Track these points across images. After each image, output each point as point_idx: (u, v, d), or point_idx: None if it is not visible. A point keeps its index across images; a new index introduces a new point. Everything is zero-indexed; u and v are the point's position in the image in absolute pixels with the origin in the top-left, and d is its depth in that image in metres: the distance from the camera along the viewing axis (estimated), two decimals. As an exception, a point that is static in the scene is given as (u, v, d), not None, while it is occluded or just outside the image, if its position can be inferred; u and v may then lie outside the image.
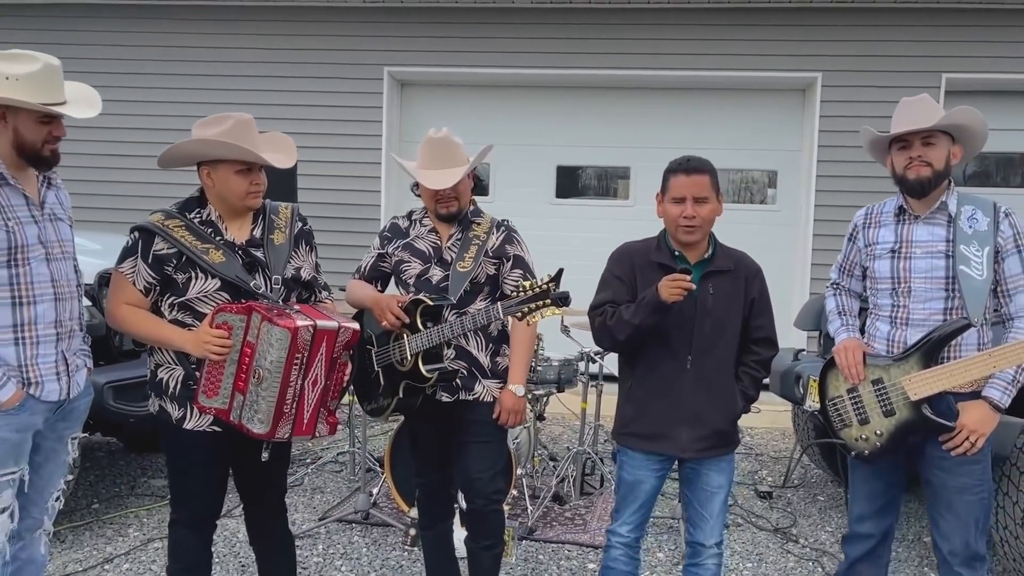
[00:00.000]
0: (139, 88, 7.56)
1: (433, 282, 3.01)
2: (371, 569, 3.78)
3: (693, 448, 2.74)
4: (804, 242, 7.13)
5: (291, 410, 2.65)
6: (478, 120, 7.46)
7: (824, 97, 6.94)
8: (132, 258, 2.65)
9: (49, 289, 2.53)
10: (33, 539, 2.70)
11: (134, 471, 5.11)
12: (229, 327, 2.59)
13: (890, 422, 2.66)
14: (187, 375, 2.66)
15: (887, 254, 2.75)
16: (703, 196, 2.65)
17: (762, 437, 6.43)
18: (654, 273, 2.73)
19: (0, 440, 2.42)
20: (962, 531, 2.62)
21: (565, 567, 3.88)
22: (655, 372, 2.77)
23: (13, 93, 2.38)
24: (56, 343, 2.55)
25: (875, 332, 2.80)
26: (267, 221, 2.83)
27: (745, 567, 3.96)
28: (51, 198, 2.62)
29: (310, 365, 2.65)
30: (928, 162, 2.62)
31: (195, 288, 2.64)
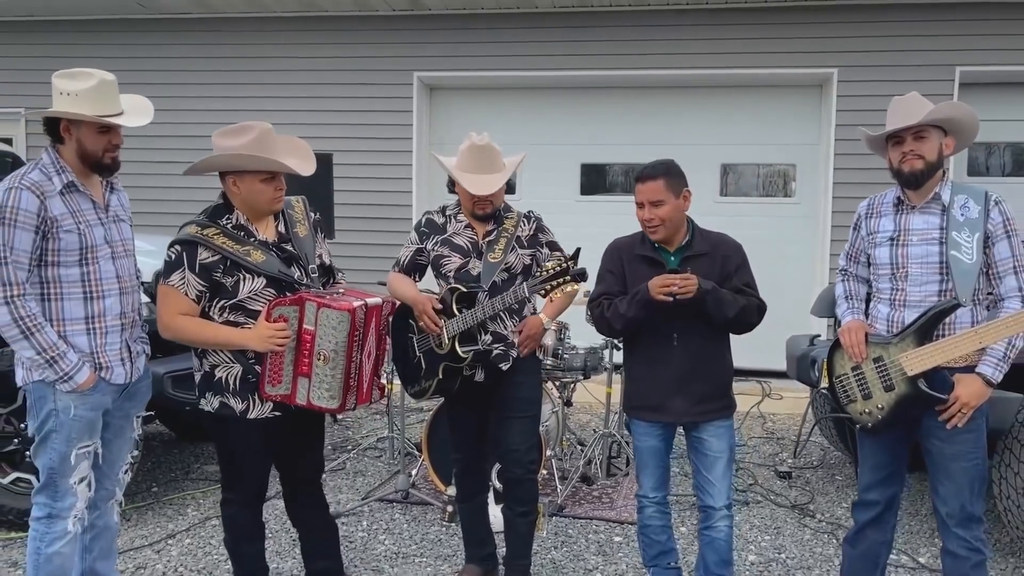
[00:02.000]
0: (183, 97, 7.90)
1: (474, 274, 3.29)
2: (412, 542, 4.07)
3: (689, 414, 3.10)
4: (823, 233, 7.31)
5: (354, 383, 2.96)
6: (503, 121, 7.72)
7: (840, 92, 7.11)
8: (180, 270, 2.81)
9: (115, 285, 2.83)
10: (107, 508, 3.03)
11: (188, 458, 5.44)
12: (285, 319, 2.83)
13: (890, 396, 2.87)
14: (246, 370, 2.89)
15: (887, 242, 2.95)
16: (657, 199, 2.99)
17: (783, 422, 6.64)
18: (640, 265, 3.12)
19: (78, 418, 2.74)
20: (958, 495, 2.82)
21: (593, 540, 4.14)
22: (647, 351, 3.16)
23: (73, 107, 2.66)
24: (121, 332, 2.85)
25: (876, 314, 3.01)
26: (287, 217, 3.08)
27: (763, 539, 4.19)
28: (114, 201, 2.91)
29: (365, 339, 2.95)
30: (920, 155, 2.82)
31: (245, 289, 2.86)
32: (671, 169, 3.07)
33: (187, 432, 5.80)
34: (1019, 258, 2.80)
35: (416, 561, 3.85)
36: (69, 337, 2.72)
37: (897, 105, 2.90)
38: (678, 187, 3.04)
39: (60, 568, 2.79)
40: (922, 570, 3.83)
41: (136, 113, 2.81)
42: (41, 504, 2.78)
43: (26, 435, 3.83)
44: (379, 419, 6.42)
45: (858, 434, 3.06)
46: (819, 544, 4.14)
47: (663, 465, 3.24)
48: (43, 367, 2.67)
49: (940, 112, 2.81)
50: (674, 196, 3.03)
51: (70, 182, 2.72)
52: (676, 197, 3.03)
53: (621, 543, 4.10)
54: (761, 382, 7.09)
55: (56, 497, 2.77)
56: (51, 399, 2.72)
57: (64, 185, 2.70)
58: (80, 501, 2.81)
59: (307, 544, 3.33)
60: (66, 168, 2.73)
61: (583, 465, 4.91)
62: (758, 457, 5.64)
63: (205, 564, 3.79)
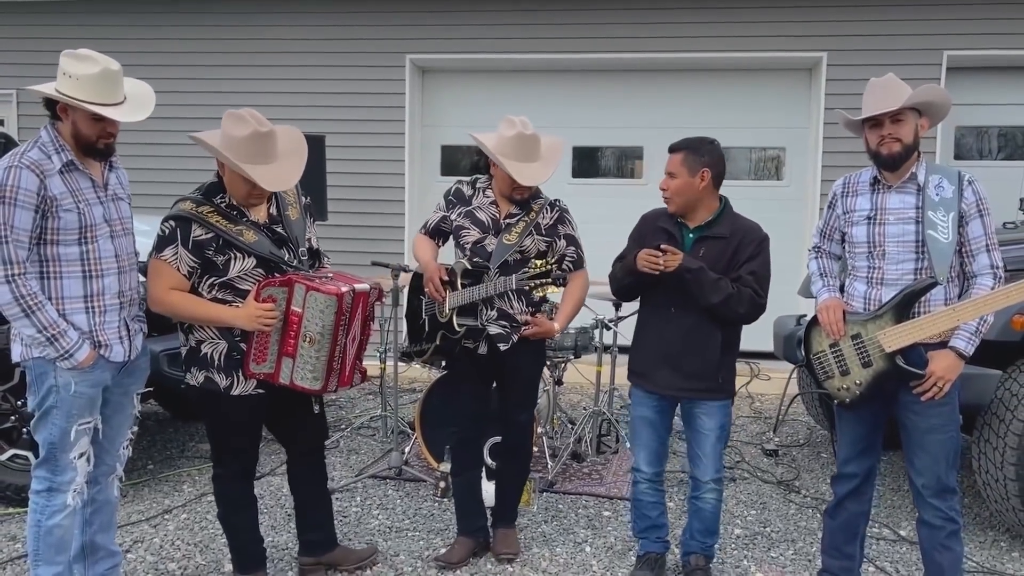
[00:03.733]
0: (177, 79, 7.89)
1: (488, 250, 3.41)
2: (405, 517, 4.14)
3: (672, 387, 3.21)
4: (811, 216, 7.36)
5: (338, 366, 3.04)
6: (495, 103, 7.74)
7: (830, 76, 7.15)
8: (172, 246, 2.88)
9: (113, 264, 2.85)
10: (108, 483, 3.07)
11: (182, 437, 5.50)
12: (274, 299, 2.91)
13: (868, 372, 2.94)
14: (231, 347, 2.97)
15: (864, 221, 3.00)
16: (671, 172, 3.15)
17: (771, 402, 6.73)
18: (657, 236, 3.23)
19: (79, 394, 2.78)
20: (933, 466, 2.90)
21: (582, 514, 4.22)
22: (647, 319, 3.30)
23: (72, 91, 2.66)
24: (119, 311, 2.88)
25: (853, 292, 3.06)
26: (279, 199, 3.13)
27: (749, 514, 4.29)
28: (113, 179, 2.92)
29: (351, 324, 3.04)
30: (898, 138, 2.87)
31: (235, 268, 2.94)
32: (694, 146, 3.15)
33: (182, 411, 5.85)
34: (991, 236, 2.88)
35: (409, 535, 3.93)
36: (68, 315, 2.74)
37: (874, 87, 2.94)
38: (695, 165, 3.11)
39: (60, 540, 2.84)
40: (902, 542, 3.93)
41: (135, 105, 2.82)
42: (41, 478, 2.82)
43: (24, 412, 3.90)
44: (372, 399, 6.49)
45: (836, 409, 3.14)
46: (803, 518, 4.24)
47: (657, 439, 3.31)
48: (44, 345, 2.70)
49: (919, 96, 2.87)
50: (688, 172, 3.11)
51: (69, 161, 2.73)
52: (691, 175, 3.11)
53: (610, 517, 4.18)
54: (749, 363, 7.18)
55: (56, 471, 2.81)
56: (51, 375, 2.75)
57: (64, 164, 2.71)
58: (80, 475, 2.85)
59: (302, 515, 3.43)
60: (65, 147, 2.74)
61: (573, 443, 4.99)
62: (745, 436, 5.73)
63: (201, 538, 3.86)
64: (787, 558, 3.76)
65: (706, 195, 3.16)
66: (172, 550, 3.73)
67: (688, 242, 3.19)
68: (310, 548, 3.46)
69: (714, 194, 3.20)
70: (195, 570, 3.54)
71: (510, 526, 3.74)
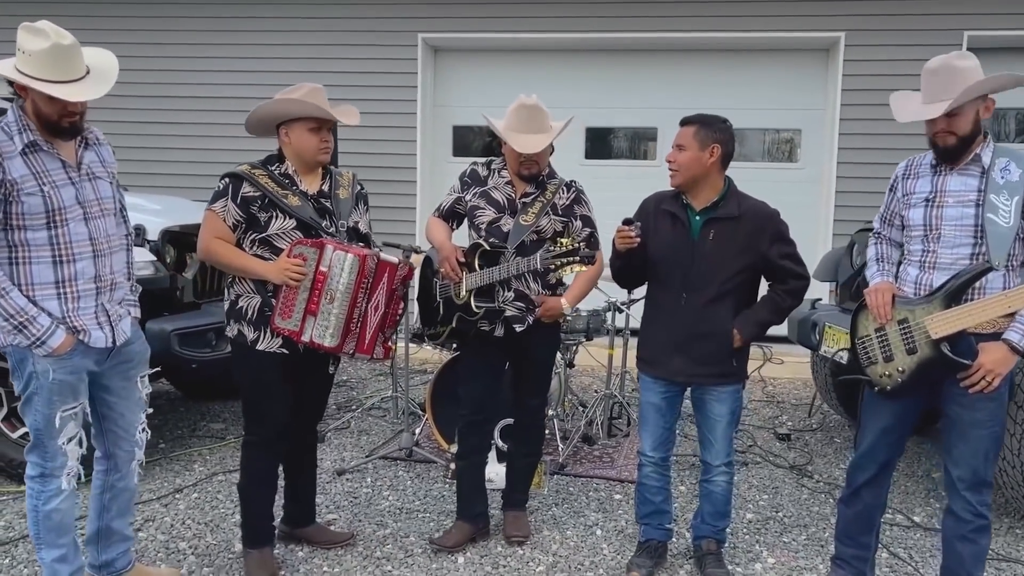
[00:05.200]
0: (187, 58, 7.88)
1: (504, 230, 3.38)
2: (416, 498, 4.13)
3: (684, 374, 3.16)
4: (827, 198, 7.31)
5: (356, 328, 3.17)
6: (508, 83, 7.68)
7: (847, 56, 7.06)
8: (223, 199, 3.06)
9: (88, 247, 2.68)
10: (130, 470, 3.02)
11: (194, 416, 5.51)
12: (304, 258, 3.05)
13: (912, 360, 2.79)
14: (263, 303, 3.09)
15: (921, 203, 2.86)
16: (680, 144, 3.08)
17: (784, 386, 6.70)
18: (662, 219, 3.19)
19: (59, 381, 2.67)
20: (971, 460, 2.78)
21: (593, 497, 4.20)
22: (656, 305, 3.25)
23: (25, 67, 2.47)
24: (96, 296, 2.73)
25: (905, 276, 2.93)
26: (333, 179, 3.28)
27: (761, 498, 4.26)
28: (89, 157, 2.73)
29: (373, 290, 3.17)
30: (952, 131, 2.72)
31: (275, 226, 3.08)
32: (707, 121, 3.09)
33: (193, 391, 5.86)
34: None
35: (420, 516, 3.92)
36: (39, 302, 2.62)
37: (929, 77, 2.76)
38: (706, 139, 3.05)
39: (59, 524, 2.79)
40: (916, 528, 3.89)
41: (94, 80, 2.60)
42: (34, 463, 2.75)
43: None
44: (383, 379, 6.48)
45: (867, 396, 3.02)
46: (816, 503, 4.21)
47: (664, 425, 3.29)
48: (13, 333, 2.60)
49: (975, 91, 2.68)
50: (698, 146, 3.05)
51: (32, 142, 2.57)
52: (700, 148, 3.05)
53: (621, 500, 4.16)
54: (762, 346, 7.13)
55: (47, 457, 2.73)
56: (30, 362, 2.65)
57: (26, 145, 2.55)
58: (71, 459, 2.77)
59: (289, 485, 3.54)
60: (30, 126, 2.57)
61: (584, 425, 4.96)
62: (758, 420, 5.70)
63: (212, 517, 3.86)
64: (799, 543, 3.73)
65: (713, 172, 3.09)
66: (183, 529, 3.74)
67: (696, 225, 3.12)
68: (290, 519, 3.57)
69: (721, 173, 3.14)
70: (205, 549, 3.55)
71: (521, 509, 3.73)
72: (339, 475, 4.42)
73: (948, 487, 2.90)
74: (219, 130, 7.60)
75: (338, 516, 3.91)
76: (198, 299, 4.64)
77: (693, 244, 3.12)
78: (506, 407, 3.84)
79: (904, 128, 6.86)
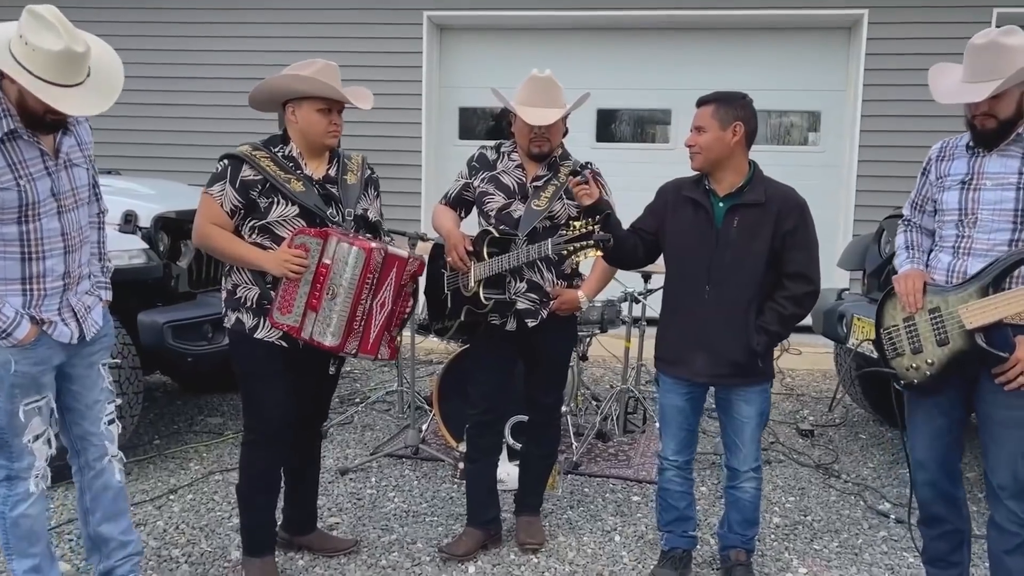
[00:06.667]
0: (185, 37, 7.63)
1: (515, 217, 3.16)
2: (423, 500, 3.92)
3: (707, 374, 2.94)
4: (848, 184, 7.05)
5: (359, 327, 2.91)
6: (517, 63, 7.37)
7: (871, 34, 6.78)
8: (221, 182, 2.84)
9: (59, 243, 2.52)
10: (104, 467, 2.78)
11: (191, 410, 5.29)
12: (306, 249, 2.82)
13: (943, 351, 2.63)
14: (262, 294, 2.88)
15: (957, 185, 2.69)
16: (700, 125, 2.85)
17: (803, 378, 6.46)
18: (685, 208, 2.97)
19: (22, 374, 2.49)
20: (1010, 464, 2.57)
21: (610, 499, 3.98)
22: (676, 299, 3.01)
23: (24, 58, 2.28)
24: (63, 293, 2.57)
25: (936, 264, 2.75)
26: (341, 163, 3.05)
27: (788, 500, 4.03)
28: (67, 143, 2.56)
29: (379, 287, 2.91)
30: (993, 115, 2.54)
31: (276, 212, 2.85)
32: (726, 98, 2.87)
33: (191, 383, 5.64)
34: None
35: (427, 520, 3.70)
36: (2, 297, 2.46)
37: (974, 54, 2.55)
38: (727, 118, 2.83)
39: (30, 531, 2.61)
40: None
41: (96, 89, 2.40)
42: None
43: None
44: (388, 371, 6.26)
45: (908, 401, 2.83)
46: (846, 506, 3.98)
47: (687, 427, 3.08)
48: None
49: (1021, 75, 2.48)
50: (719, 126, 2.83)
51: (12, 130, 2.38)
52: (722, 128, 2.83)
53: (639, 503, 3.94)
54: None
55: (12, 458, 2.56)
56: None
57: (5, 133, 2.37)
58: (39, 459, 2.60)
59: (290, 489, 3.30)
60: (10, 112, 2.38)
61: (599, 421, 4.74)
62: (778, 414, 5.46)
63: (208, 521, 3.65)
64: (831, 551, 3.51)
65: (737, 153, 2.87)
66: (176, 535, 3.52)
67: (719, 212, 2.90)
68: (289, 525, 3.34)
69: (745, 154, 2.92)
70: (199, 557, 3.33)
71: (535, 514, 3.51)
72: (342, 474, 4.20)
73: (990, 496, 2.69)
74: (217, 111, 7.36)
75: (341, 520, 3.69)
76: (193, 289, 4.44)
77: (717, 233, 2.90)
78: (518, 402, 3.61)
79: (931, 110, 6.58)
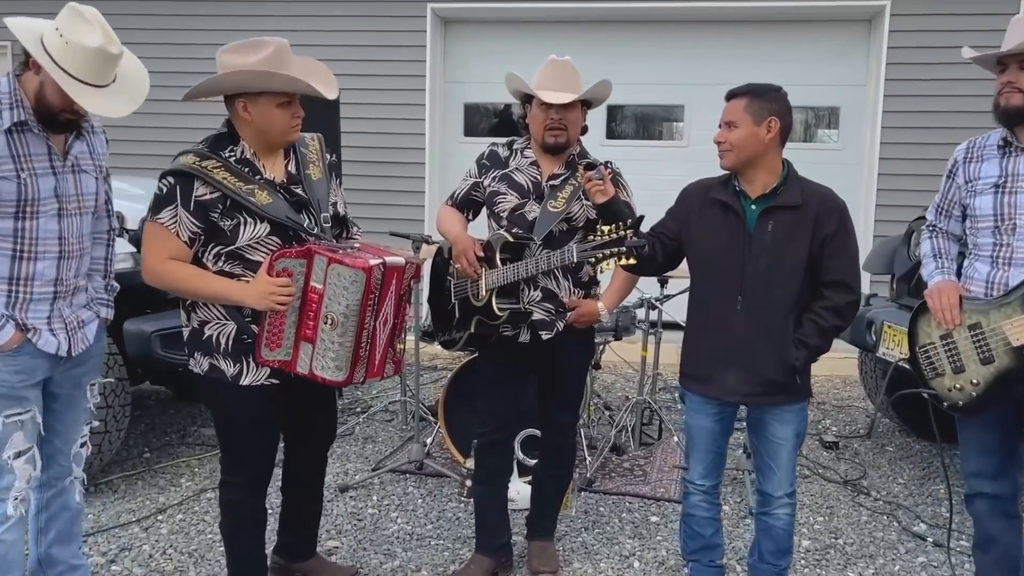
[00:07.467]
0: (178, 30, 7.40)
1: (529, 218, 2.91)
2: (427, 520, 3.68)
3: (740, 393, 2.68)
4: (868, 182, 6.80)
5: (365, 353, 2.56)
6: (523, 57, 7.08)
7: (893, 27, 6.51)
8: (171, 207, 2.41)
9: (54, 246, 2.39)
10: (64, 487, 2.65)
11: (184, 420, 5.06)
12: (290, 273, 2.45)
13: (988, 370, 2.47)
14: (240, 329, 2.50)
15: (990, 189, 2.52)
16: (730, 120, 2.61)
17: (822, 385, 6.21)
18: (713, 211, 2.71)
19: (1, 381, 2.33)
20: None
21: (627, 520, 3.73)
22: (704, 310, 2.75)
23: (56, 52, 2.22)
24: (52, 301, 2.42)
25: (973, 274, 2.59)
26: (299, 155, 2.66)
27: (816, 521, 3.78)
28: (78, 148, 2.46)
29: (381, 304, 2.55)
30: (1019, 88, 2.38)
31: (245, 235, 2.46)
32: (759, 90, 2.62)
33: (185, 391, 5.40)
34: None
35: (432, 544, 3.46)
36: None
37: (1016, 24, 2.41)
38: (761, 113, 2.57)
39: (3, 559, 2.42)
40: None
41: (123, 93, 2.34)
42: None
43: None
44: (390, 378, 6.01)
45: (956, 419, 2.64)
46: (879, 527, 3.73)
47: (716, 450, 2.82)
48: None
49: None
50: (752, 121, 2.57)
51: (22, 120, 2.28)
52: (756, 124, 2.57)
53: (659, 523, 3.70)
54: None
55: None
56: None
57: (14, 123, 2.26)
58: (20, 480, 2.41)
59: (287, 513, 3.02)
60: (23, 103, 2.29)
61: (615, 435, 4.49)
62: (800, 424, 5.21)
63: (198, 545, 3.41)
64: (868, 579, 3.27)
65: (771, 151, 2.62)
66: (163, 560, 3.28)
67: (752, 216, 2.64)
68: (285, 550, 3.05)
69: (779, 152, 2.66)
70: (188, 587, 3.10)
71: (548, 539, 3.27)
72: (342, 492, 3.96)
73: None
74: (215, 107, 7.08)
75: (340, 544, 3.45)
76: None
77: (750, 238, 2.63)
78: (529, 415, 3.36)
79: (957, 106, 6.35)
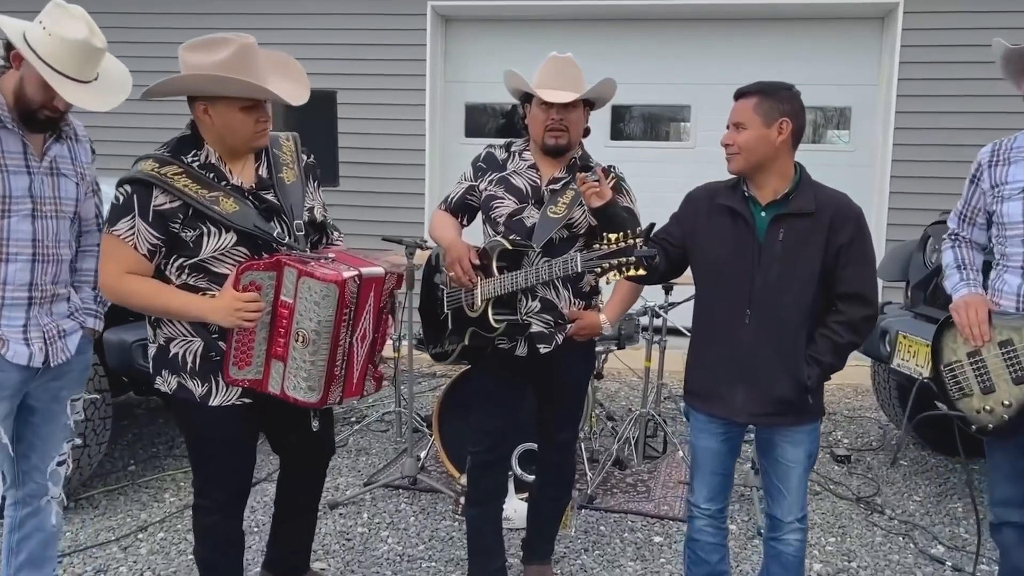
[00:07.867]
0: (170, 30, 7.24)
1: (527, 224, 2.75)
2: (419, 540, 3.51)
3: (748, 412, 2.50)
4: (881, 185, 6.61)
5: (341, 372, 2.39)
6: (525, 56, 6.91)
7: (906, 25, 6.34)
8: (128, 217, 2.27)
9: (28, 248, 2.31)
10: (40, 507, 2.53)
11: (172, 430, 4.90)
12: (258, 287, 2.28)
13: (1021, 391, 2.32)
14: (207, 346, 2.35)
15: (1019, 194, 2.38)
16: (739, 121, 2.44)
17: (833, 395, 6.02)
18: (721, 217, 2.53)
19: None
20: None
21: (629, 540, 3.56)
22: (710, 322, 2.57)
23: (38, 45, 2.17)
24: (28, 308, 2.33)
25: (1002, 286, 2.44)
26: (271, 157, 2.50)
27: (828, 542, 3.60)
28: (57, 151, 2.38)
29: (358, 319, 2.38)
30: None
31: (209, 246, 2.31)
32: (770, 89, 2.43)
33: (174, 400, 5.25)
34: None
35: (423, 566, 3.29)
36: None
37: None
38: (771, 113, 2.38)
39: None
40: None
41: (106, 89, 2.31)
42: None
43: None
44: (386, 386, 5.84)
45: (985, 441, 2.49)
46: (894, 549, 3.55)
47: (722, 472, 2.63)
48: None
49: None
50: (762, 122, 2.38)
51: None
52: (766, 125, 2.38)
53: (662, 544, 3.52)
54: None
55: None
56: None
57: None
58: None
59: (279, 526, 2.87)
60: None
61: (617, 449, 4.32)
62: (810, 436, 5.03)
63: (178, 566, 3.25)
64: (884, 607, 3.09)
65: (782, 154, 2.44)
66: (140, 584, 3.13)
67: (762, 223, 2.45)
68: (276, 566, 2.89)
69: (791, 155, 2.47)
70: (164, 613, 2.94)
71: (545, 563, 3.10)
72: (332, 508, 3.80)
73: None
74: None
75: (327, 566, 3.29)
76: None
77: (759, 247, 2.45)
78: (526, 427, 3.17)
79: (973, 106, 6.15)
